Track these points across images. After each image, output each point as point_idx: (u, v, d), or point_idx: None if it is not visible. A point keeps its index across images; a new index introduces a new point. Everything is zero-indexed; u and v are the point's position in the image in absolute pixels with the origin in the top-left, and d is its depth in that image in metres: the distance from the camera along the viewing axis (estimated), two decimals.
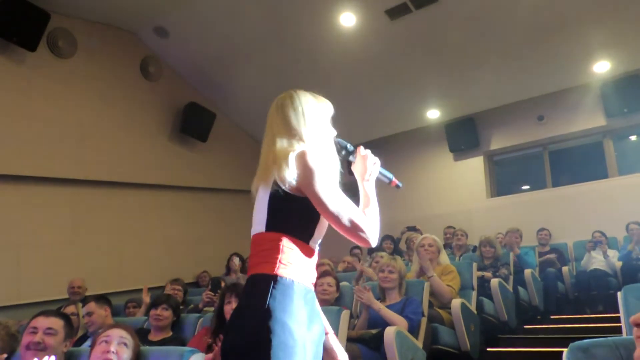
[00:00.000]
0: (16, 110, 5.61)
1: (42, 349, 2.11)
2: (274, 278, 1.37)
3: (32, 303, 5.20)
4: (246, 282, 1.45)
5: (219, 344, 1.72)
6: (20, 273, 5.43)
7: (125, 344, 1.99)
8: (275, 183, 1.44)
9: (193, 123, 7.39)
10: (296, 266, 1.41)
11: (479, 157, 7.83)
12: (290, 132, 1.51)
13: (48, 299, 5.31)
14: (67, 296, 5.20)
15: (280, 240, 1.42)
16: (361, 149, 1.62)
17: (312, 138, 1.53)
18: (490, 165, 7.92)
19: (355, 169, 1.62)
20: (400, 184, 1.69)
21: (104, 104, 6.48)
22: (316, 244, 1.50)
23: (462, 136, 7.80)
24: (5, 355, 2.19)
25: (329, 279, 3.66)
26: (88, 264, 5.93)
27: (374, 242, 1.46)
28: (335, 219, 1.41)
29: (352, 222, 1.42)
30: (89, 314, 3.56)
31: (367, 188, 1.58)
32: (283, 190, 1.42)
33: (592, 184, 6.88)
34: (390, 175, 1.67)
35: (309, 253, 1.46)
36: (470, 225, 6.83)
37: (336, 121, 1.65)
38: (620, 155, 7.09)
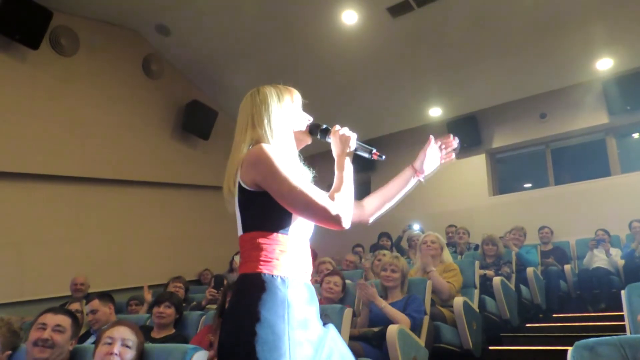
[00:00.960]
0: (19, 108, 5.62)
1: (50, 345, 2.11)
2: (255, 276, 1.37)
3: (34, 300, 5.21)
4: (235, 283, 1.46)
5: None
6: (23, 270, 5.45)
7: (128, 346, 1.99)
8: (239, 185, 1.45)
9: (195, 121, 7.39)
10: (279, 261, 1.40)
11: (481, 155, 7.81)
12: (248, 132, 1.53)
13: (50, 296, 5.32)
14: (69, 293, 5.21)
15: (257, 238, 1.42)
16: (336, 126, 1.59)
17: (269, 134, 1.52)
18: (492, 163, 7.91)
19: (333, 149, 1.58)
20: (383, 156, 1.63)
21: (106, 101, 6.49)
22: (299, 232, 1.47)
23: (464, 134, 7.75)
24: (8, 353, 2.19)
25: (336, 278, 3.65)
26: (90, 261, 5.94)
27: (345, 224, 1.40)
28: (291, 204, 1.39)
29: (310, 205, 1.37)
30: (93, 311, 3.57)
31: (341, 168, 1.52)
32: (246, 190, 1.43)
33: (594, 182, 6.86)
34: (369, 147, 1.61)
35: (290, 244, 1.44)
36: (472, 223, 6.82)
37: (338, 119, 1.64)
38: (623, 153, 7.07)
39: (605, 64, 6.58)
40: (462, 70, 6.82)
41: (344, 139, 1.56)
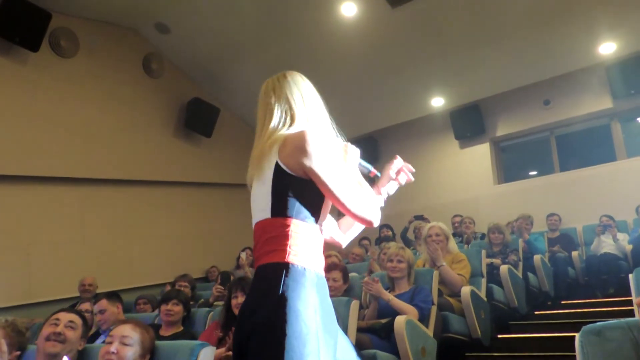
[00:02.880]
0: (21, 111, 5.64)
1: (61, 340, 2.14)
2: (285, 266, 1.33)
3: (43, 302, 5.25)
4: (256, 272, 1.41)
5: (231, 336, 1.71)
6: (32, 272, 5.48)
7: (127, 344, 1.99)
8: (277, 166, 1.40)
9: (197, 118, 7.39)
10: (306, 252, 1.38)
11: (485, 143, 7.77)
12: (287, 113, 1.49)
13: (59, 297, 5.35)
14: (78, 294, 5.24)
15: (289, 225, 1.38)
16: (346, 143, 1.61)
17: (311, 118, 1.51)
18: (496, 151, 7.87)
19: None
20: (379, 174, 1.67)
21: (108, 102, 6.50)
22: (322, 224, 1.48)
23: (468, 123, 7.74)
24: (17, 353, 2.21)
25: (335, 274, 3.63)
26: (98, 261, 5.97)
27: (376, 222, 1.45)
28: (339, 200, 1.39)
29: (356, 203, 1.41)
30: (102, 311, 3.58)
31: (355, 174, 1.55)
32: (286, 173, 1.39)
33: (600, 167, 6.82)
34: (369, 165, 1.65)
35: (316, 236, 1.43)
36: (477, 212, 6.80)
37: (340, 112, 1.63)
38: (628, 138, 7.01)
39: (608, 48, 6.51)
40: (464, 58, 6.77)
41: (352, 154, 1.56)
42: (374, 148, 8.41)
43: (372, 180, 1.66)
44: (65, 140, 5.98)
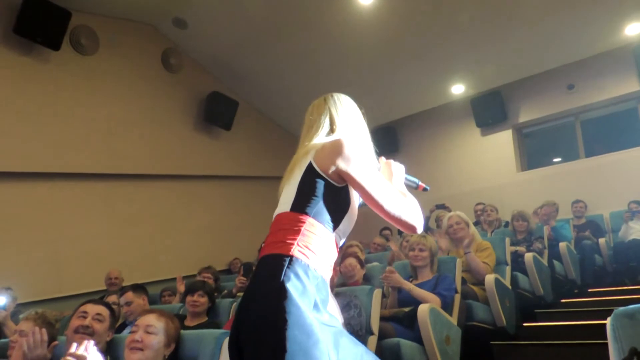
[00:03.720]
0: (45, 110, 5.75)
1: (90, 333, 2.18)
2: (289, 258, 1.32)
3: (72, 295, 5.37)
4: (259, 261, 1.41)
5: None
6: (60, 267, 5.62)
7: (152, 332, 2.01)
8: (309, 166, 1.41)
9: (216, 112, 7.44)
10: (314, 252, 1.36)
11: (507, 130, 7.65)
12: (332, 127, 1.53)
13: (87, 290, 5.47)
14: (104, 287, 5.35)
15: (303, 221, 1.38)
16: (382, 158, 1.64)
17: (351, 129, 1.55)
18: (519, 138, 7.74)
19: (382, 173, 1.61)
20: (427, 187, 1.71)
21: (128, 98, 6.58)
22: (340, 237, 1.46)
23: (489, 110, 7.62)
24: (56, 343, 2.27)
25: (350, 260, 3.64)
26: (123, 255, 6.08)
27: (420, 228, 1.45)
28: (380, 205, 1.40)
29: (397, 208, 1.41)
30: (128, 303, 3.65)
31: (399, 188, 1.56)
32: (317, 173, 1.39)
33: (627, 152, 6.64)
34: (416, 180, 1.68)
35: (329, 243, 1.41)
36: (500, 200, 6.70)
37: (360, 102, 1.64)
38: None
39: (634, 29, 6.31)
40: (485, 44, 6.65)
41: (396, 168, 1.60)
42: (393, 138, 8.35)
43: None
44: (89, 137, 6.09)
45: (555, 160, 7.96)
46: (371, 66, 7.14)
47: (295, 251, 1.33)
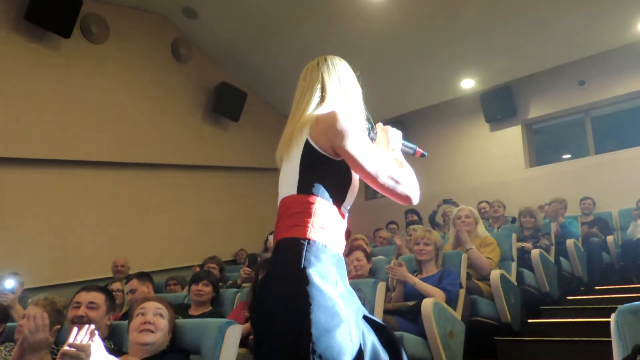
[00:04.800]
0: (55, 97, 5.78)
1: (85, 322, 2.18)
2: (306, 242, 1.33)
3: (79, 282, 5.41)
4: (275, 246, 1.41)
5: None
6: (68, 253, 5.67)
7: (161, 315, 2.04)
8: (307, 144, 1.40)
9: (225, 103, 7.44)
10: (328, 231, 1.37)
11: (516, 126, 7.59)
12: (323, 94, 1.49)
13: (94, 277, 5.51)
14: (111, 275, 5.39)
15: (313, 202, 1.37)
16: (379, 124, 1.61)
17: (345, 98, 1.52)
18: (528, 134, 7.68)
19: (379, 143, 1.58)
20: (425, 153, 1.67)
21: (137, 87, 6.60)
22: (346, 210, 1.47)
23: (499, 105, 7.56)
24: (58, 327, 2.28)
25: (357, 254, 3.63)
26: (130, 243, 6.12)
27: (415, 199, 1.43)
28: (373, 178, 1.38)
29: (391, 179, 1.39)
30: (132, 290, 3.68)
31: (396, 155, 1.56)
32: (316, 151, 1.38)
33: (637, 150, 6.57)
34: (413, 145, 1.66)
35: (339, 218, 1.43)
36: (508, 196, 6.66)
37: (368, 96, 1.62)
38: None
39: None
40: (495, 39, 6.59)
41: (393, 134, 1.58)
42: (402, 132, 8.27)
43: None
44: (97, 125, 6.11)
45: (565, 156, 7.89)
46: (380, 59, 7.09)
47: (311, 233, 1.34)
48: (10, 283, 3.68)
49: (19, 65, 5.54)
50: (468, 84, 7.74)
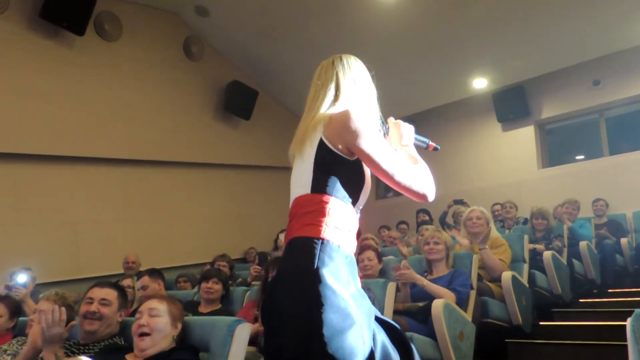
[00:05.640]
0: (68, 94, 5.84)
1: (97, 317, 2.20)
2: (320, 241, 1.32)
3: (90, 278, 5.45)
4: (287, 245, 1.41)
5: None
6: (79, 249, 5.72)
7: (156, 315, 2.03)
8: (321, 143, 1.39)
9: (236, 101, 7.45)
10: (341, 231, 1.37)
11: (529, 126, 7.50)
12: (337, 93, 1.48)
13: (105, 273, 5.55)
14: (122, 271, 5.42)
15: (327, 202, 1.37)
16: (391, 119, 1.60)
17: (360, 97, 1.51)
18: (541, 134, 7.59)
19: (391, 138, 1.58)
20: (438, 147, 1.67)
21: (150, 84, 6.64)
22: (359, 209, 1.47)
23: (511, 105, 7.48)
24: (74, 323, 2.30)
25: (369, 253, 3.60)
26: (140, 240, 6.16)
27: (431, 196, 1.43)
28: (390, 176, 1.38)
29: (407, 177, 1.40)
30: (144, 287, 3.70)
31: (409, 151, 1.55)
32: (330, 150, 1.37)
33: None
34: (426, 139, 1.64)
35: (353, 218, 1.42)
36: (520, 197, 6.60)
37: (379, 96, 1.60)
38: None
39: None
40: (508, 37, 6.52)
41: (405, 129, 1.57)
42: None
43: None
44: (110, 122, 6.16)
45: (579, 157, 7.79)
46: (391, 58, 7.06)
47: (325, 233, 1.33)
48: (22, 278, 3.72)
49: (33, 62, 5.60)
50: (480, 83, 7.67)
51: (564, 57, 6.90)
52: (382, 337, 1.36)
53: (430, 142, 1.65)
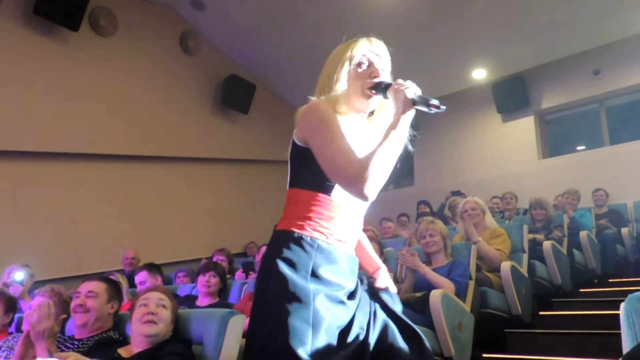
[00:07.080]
0: (64, 90, 5.81)
1: (85, 310, 2.19)
2: (286, 233, 1.37)
3: (89, 274, 5.42)
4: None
5: None
6: (78, 246, 5.71)
7: (163, 306, 2.02)
8: (293, 139, 1.45)
9: (234, 95, 7.43)
10: (313, 221, 1.37)
11: (529, 117, 7.46)
12: (316, 92, 1.53)
13: (104, 270, 5.54)
14: (121, 267, 5.42)
15: (297, 195, 1.42)
16: (399, 81, 1.49)
17: (330, 86, 1.50)
18: (541, 124, 7.55)
19: (394, 106, 1.47)
20: (443, 107, 1.46)
21: (146, 79, 6.61)
22: (344, 197, 1.40)
23: (511, 96, 7.44)
24: (64, 316, 2.30)
25: (372, 245, 3.58)
26: (140, 236, 6.15)
27: (369, 195, 1.26)
28: (326, 167, 1.32)
29: (333, 164, 1.29)
30: (142, 282, 3.69)
31: (392, 127, 1.40)
32: (297, 145, 1.42)
33: None
34: (427, 98, 1.45)
35: (329, 206, 1.39)
36: (520, 188, 6.57)
37: None
38: None
39: None
40: (507, 27, 6.47)
41: (398, 97, 1.43)
42: (412, 122, 8.20)
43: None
44: (107, 118, 6.14)
45: (579, 147, 7.76)
46: (390, 50, 7.00)
47: (292, 226, 1.37)
48: (20, 275, 3.71)
49: (28, 58, 5.57)
50: (479, 74, 7.63)
51: (563, 47, 6.85)
52: (381, 328, 1.43)
53: (432, 102, 1.43)
